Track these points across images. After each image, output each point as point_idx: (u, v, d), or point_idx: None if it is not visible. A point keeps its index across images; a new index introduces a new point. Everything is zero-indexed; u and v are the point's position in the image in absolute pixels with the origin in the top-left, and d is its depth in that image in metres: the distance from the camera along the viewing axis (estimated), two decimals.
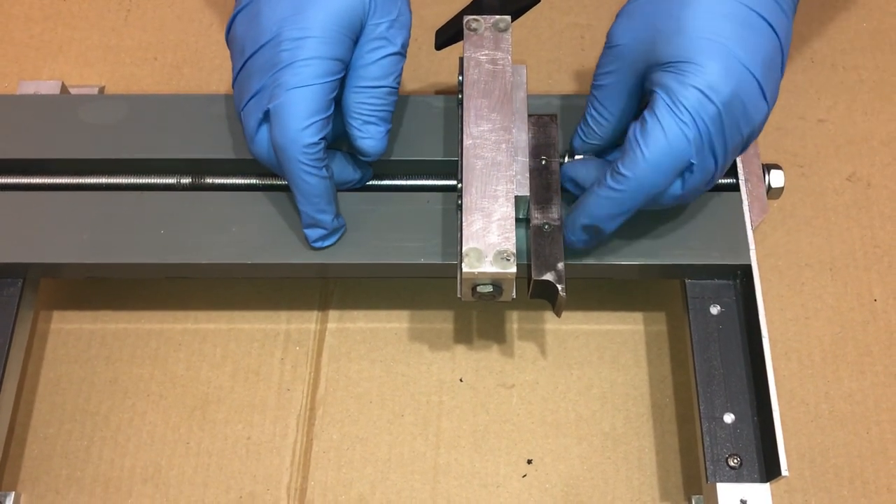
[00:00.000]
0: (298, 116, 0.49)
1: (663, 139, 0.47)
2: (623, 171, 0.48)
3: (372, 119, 0.52)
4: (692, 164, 0.48)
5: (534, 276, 0.51)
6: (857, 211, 0.65)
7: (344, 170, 0.55)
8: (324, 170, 0.51)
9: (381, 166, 0.57)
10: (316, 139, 0.50)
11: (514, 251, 0.50)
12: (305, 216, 0.53)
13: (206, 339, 0.62)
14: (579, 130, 0.55)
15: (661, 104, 0.47)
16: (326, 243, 0.54)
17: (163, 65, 0.72)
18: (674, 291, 0.62)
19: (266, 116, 0.50)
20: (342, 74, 0.51)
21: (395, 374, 0.61)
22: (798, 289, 0.63)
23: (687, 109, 0.46)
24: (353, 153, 0.54)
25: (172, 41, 0.73)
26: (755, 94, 0.48)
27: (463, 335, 0.62)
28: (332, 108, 0.51)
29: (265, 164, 0.53)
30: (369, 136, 0.52)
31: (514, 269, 0.49)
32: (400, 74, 0.53)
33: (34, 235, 0.55)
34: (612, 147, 0.55)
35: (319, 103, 0.49)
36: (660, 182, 0.48)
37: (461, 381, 0.60)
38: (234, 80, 0.53)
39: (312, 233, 0.54)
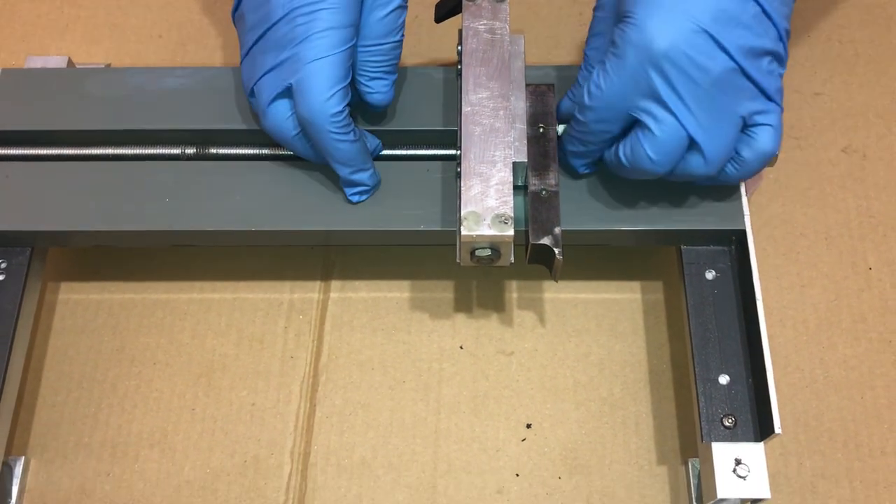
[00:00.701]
0: (321, 88, 0.50)
1: (613, 83, 0.49)
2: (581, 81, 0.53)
3: (378, 74, 0.54)
4: (645, 122, 0.50)
5: (531, 241, 0.52)
6: (852, 182, 0.66)
7: None
8: (352, 134, 0.53)
9: (382, 136, 0.58)
10: (341, 107, 0.51)
11: (512, 215, 0.51)
12: (344, 179, 0.54)
13: (211, 308, 0.63)
14: (569, 94, 0.56)
15: (609, 55, 0.49)
16: (364, 198, 0.56)
17: (167, 42, 0.73)
18: (671, 261, 0.63)
19: (285, 92, 0.52)
20: (356, 40, 0.52)
21: (397, 341, 0.62)
22: (793, 258, 0.64)
23: (625, 61, 0.48)
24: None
25: (177, 19, 0.74)
26: (703, 44, 0.48)
27: (463, 304, 0.63)
28: (351, 75, 0.52)
29: (276, 138, 0.54)
30: (377, 91, 0.54)
31: (511, 232, 0.50)
32: (403, 26, 0.54)
33: (42, 204, 0.57)
34: None
35: (339, 72, 0.51)
36: (608, 118, 0.51)
37: (461, 348, 0.61)
38: (244, 56, 0.54)
39: (352, 190, 0.55)
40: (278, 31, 0.51)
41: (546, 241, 0.52)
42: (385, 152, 0.58)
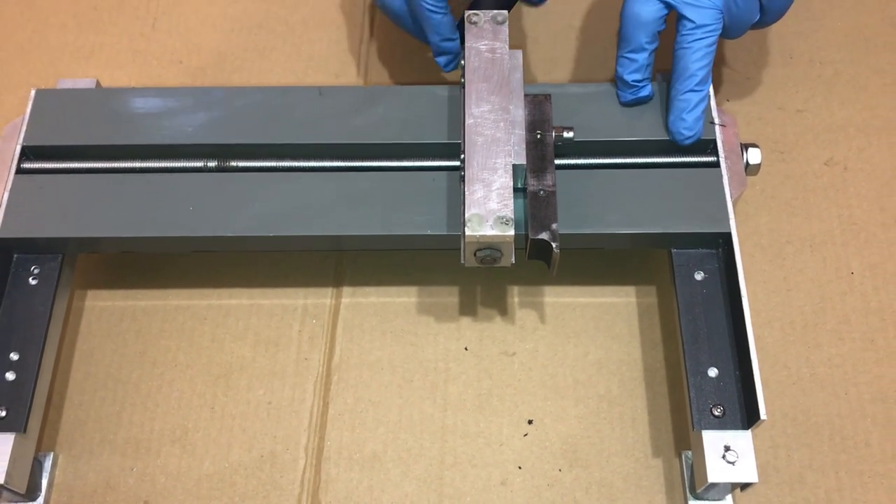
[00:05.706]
0: None
1: None
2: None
3: None
4: None
5: (531, 236, 0.55)
6: (834, 192, 0.70)
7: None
8: (443, 8, 0.63)
9: (390, 150, 0.62)
10: None
11: (513, 216, 0.54)
12: (434, 46, 0.65)
13: (230, 313, 0.66)
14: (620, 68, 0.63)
15: None
16: (452, 67, 0.66)
17: (187, 67, 0.77)
18: (663, 267, 0.66)
19: None
20: None
21: (405, 343, 0.65)
22: (780, 264, 0.67)
23: None
24: None
25: (196, 45, 0.79)
26: None
27: (468, 308, 0.66)
28: None
29: (388, 11, 0.66)
30: None
31: (512, 232, 0.54)
32: None
33: (73, 214, 0.61)
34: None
35: None
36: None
37: (466, 349, 0.65)
38: None
39: (441, 59, 0.66)
40: None
41: (544, 236, 0.55)
42: (393, 164, 0.62)
